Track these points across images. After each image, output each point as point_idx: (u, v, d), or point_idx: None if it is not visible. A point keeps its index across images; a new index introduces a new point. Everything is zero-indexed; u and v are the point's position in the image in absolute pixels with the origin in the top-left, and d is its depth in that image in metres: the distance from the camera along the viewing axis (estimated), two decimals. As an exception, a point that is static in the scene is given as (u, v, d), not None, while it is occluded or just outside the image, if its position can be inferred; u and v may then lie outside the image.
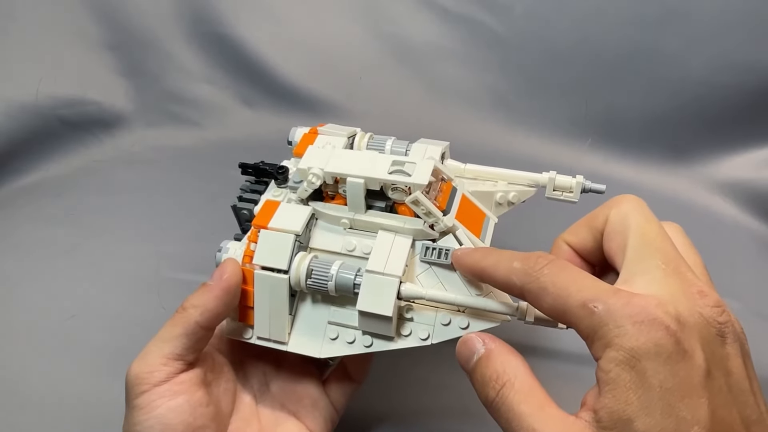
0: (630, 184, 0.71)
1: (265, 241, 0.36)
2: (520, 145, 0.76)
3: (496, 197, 0.41)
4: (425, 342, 0.35)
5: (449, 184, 0.38)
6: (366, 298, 0.34)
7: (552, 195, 0.40)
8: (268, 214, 0.37)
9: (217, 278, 0.35)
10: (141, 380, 0.33)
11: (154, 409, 0.32)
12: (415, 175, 0.35)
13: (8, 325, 0.56)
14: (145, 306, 0.57)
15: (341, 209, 0.37)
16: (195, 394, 0.34)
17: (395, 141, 0.42)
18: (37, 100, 0.73)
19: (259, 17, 0.80)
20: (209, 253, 0.58)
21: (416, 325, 0.35)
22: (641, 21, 0.71)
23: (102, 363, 0.53)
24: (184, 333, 0.33)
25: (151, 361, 0.33)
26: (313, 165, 0.36)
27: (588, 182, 0.40)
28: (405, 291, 0.34)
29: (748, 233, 0.67)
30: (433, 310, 0.35)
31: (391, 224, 0.36)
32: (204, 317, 0.34)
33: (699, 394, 0.24)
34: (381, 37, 0.80)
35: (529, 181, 0.41)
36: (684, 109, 0.72)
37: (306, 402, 0.40)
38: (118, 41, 0.79)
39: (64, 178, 0.72)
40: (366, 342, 0.36)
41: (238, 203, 0.41)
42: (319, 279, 0.35)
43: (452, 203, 0.37)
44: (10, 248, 0.63)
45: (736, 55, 0.68)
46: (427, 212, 0.35)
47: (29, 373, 0.52)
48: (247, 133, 0.80)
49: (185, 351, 0.34)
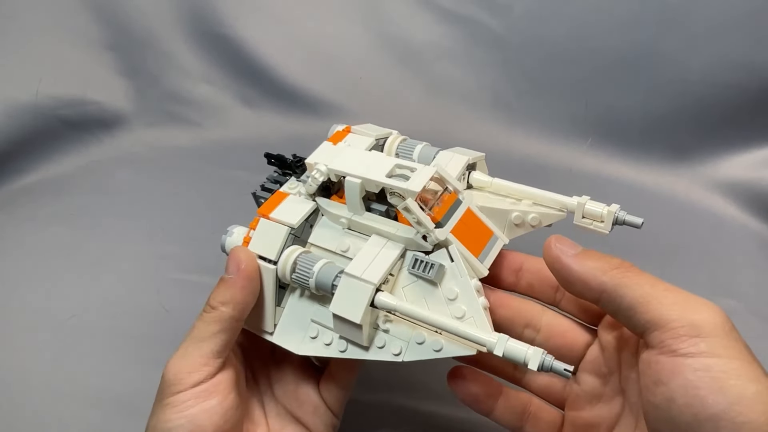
0: (630, 184, 0.71)
1: (262, 230, 0.37)
2: (520, 145, 0.76)
3: (511, 216, 0.38)
4: (397, 358, 0.33)
5: (453, 196, 0.36)
6: (339, 301, 0.33)
7: (580, 223, 0.36)
8: (274, 204, 0.38)
9: (234, 269, 0.35)
10: (179, 380, 0.32)
11: (186, 408, 0.32)
12: (410, 180, 0.34)
13: (8, 325, 0.56)
14: (145, 306, 0.57)
15: (342, 208, 0.37)
16: (228, 396, 0.34)
17: (426, 146, 0.40)
18: (37, 100, 0.73)
19: (259, 17, 0.80)
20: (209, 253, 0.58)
21: (391, 338, 0.34)
22: (641, 21, 0.71)
23: (102, 363, 0.53)
24: (222, 329, 0.34)
25: (191, 361, 0.33)
26: (319, 161, 0.36)
27: (622, 213, 0.35)
28: (378, 300, 0.33)
29: (748, 233, 0.67)
30: (410, 326, 0.33)
31: (385, 230, 0.35)
32: (237, 310, 0.34)
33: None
34: (381, 37, 0.80)
35: (556, 203, 0.37)
36: (684, 109, 0.72)
37: (307, 407, 0.40)
38: (118, 41, 0.79)
39: (64, 178, 0.72)
40: (341, 347, 0.35)
41: (258, 191, 0.42)
42: (302, 274, 0.35)
43: (451, 216, 0.35)
44: (10, 248, 0.63)
45: (736, 55, 0.68)
46: (418, 221, 0.33)
47: (29, 373, 0.52)
48: (247, 133, 0.80)
49: (224, 347, 0.34)
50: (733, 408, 0.25)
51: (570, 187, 0.39)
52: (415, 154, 0.40)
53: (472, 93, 0.79)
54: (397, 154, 0.41)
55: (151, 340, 0.54)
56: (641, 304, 0.29)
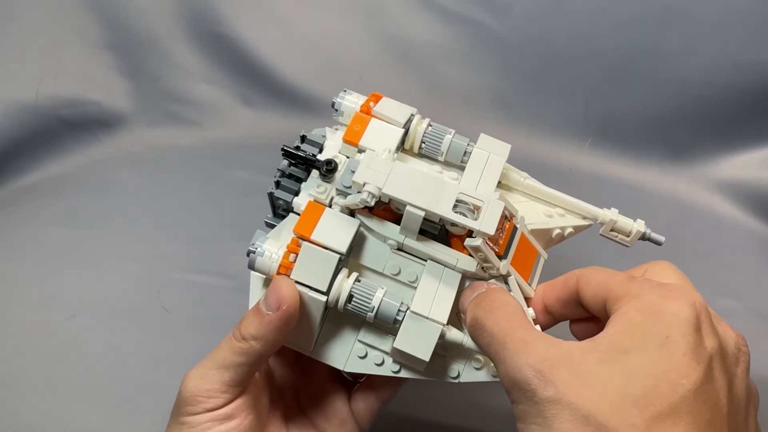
0: (630, 184, 0.71)
1: (306, 256, 0.33)
2: (520, 145, 0.76)
3: (552, 234, 0.38)
4: (454, 380, 0.34)
5: (511, 224, 0.35)
6: (405, 338, 0.33)
7: (607, 234, 0.38)
8: (312, 222, 0.34)
9: (274, 306, 0.32)
10: (197, 402, 0.32)
11: (204, 431, 0.32)
12: (482, 220, 0.32)
13: (8, 325, 0.56)
14: (145, 306, 0.57)
15: (390, 228, 0.35)
16: (246, 418, 0.33)
17: (456, 137, 0.39)
18: (37, 100, 0.73)
19: (259, 17, 0.80)
20: (209, 253, 0.58)
21: (448, 361, 0.34)
22: (641, 21, 0.71)
23: (102, 363, 0.53)
24: (246, 363, 0.33)
25: (210, 386, 0.32)
26: (370, 181, 0.33)
27: (648, 230, 0.37)
28: (447, 336, 0.33)
29: (748, 233, 0.67)
30: (467, 351, 0.34)
31: (444, 259, 0.34)
32: (266, 348, 0.33)
33: (697, 362, 0.26)
34: (381, 37, 0.80)
35: (588, 214, 0.38)
36: (684, 109, 0.72)
37: (334, 422, 0.39)
38: (118, 41, 0.79)
39: (64, 178, 0.72)
40: (394, 368, 0.35)
41: (275, 191, 0.38)
42: (360, 306, 0.33)
43: (511, 247, 0.35)
44: (10, 248, 0.63)
45: (736, 55, 0.68)
46: (485, 258, 0.33)
47: (29, 373, 0.52)
48: (247, 133, 0.79)
49: (245, 378, 0.33)
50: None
51: (570, 187, 0.40)
52: (444, 146, 0.38)
53: (473, 93, 0.79)
54: (422, 143, 0.39)
55: (151, 340, 0.54)
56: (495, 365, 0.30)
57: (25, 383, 0.51)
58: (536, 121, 0.77)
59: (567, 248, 0.43)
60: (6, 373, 0.52)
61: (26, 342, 0.54)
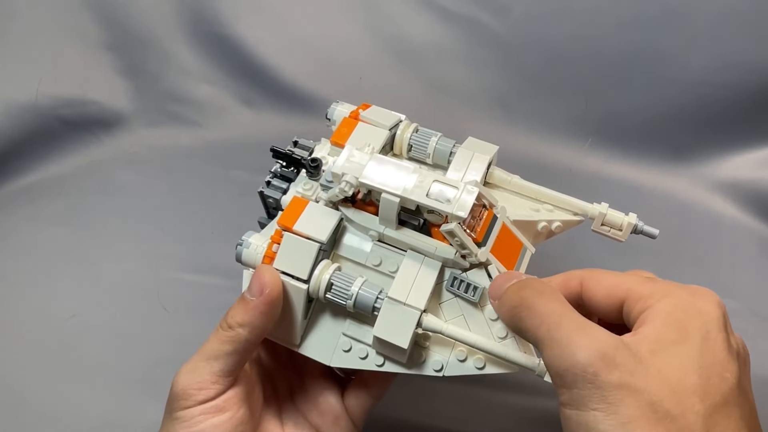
0: (630, 184, 0.71)
1: (287, 245, 0.35)
2: (520, 145, 0.76)
3: (538, 227, 0.38)
4: (438, 373, 0.34)
5: (490, 213, 0.36)
6: (384, 326, 0.33)
7: (599, 229, 0.38)
8: (295, 214, 0.36)
9: (257, 292, 0.33)
10: (188, 395, 0.32)
11: (196, 423, 0.32)
12: (455, 204, 0.32)
13: (8, 325, 0.56)
14: (145, 306, 0.57)
15: (371, 220, 0.35)
16: (238, 411, 0.34)
17: (441, 139, 0.39)
18: (37, 100, 0.73)
19: (259, 17, 0.80)
20: (209, 253, 0.58)
21: (431, 354, 0.34)
22: (641, 21, 0.71)
23: (102, 363, 0.53)
24: (235, 351, 0.33)
25: (201, 378, 0.33)
26: (348, 172, 0.34)
27: (641, 223, 0.37)
28: (426, 324, 0.33)
29: (748, 233, 0.67)
30: (450, 343, 0.34)
31: (422, 248, 0.35)
32: (253, 335, 0.33)
33: (733, 358, 0.27)
34: (381, 37, 0.80)
35: (577, 209, 0.38)
36: (684, 109, 0.72)
37: (328, 417, 0.39)
38: (118, 41, 0.79)
39: (64, 178, 0.72)
40: (378, 361, 0.35)
41: (265, 190, 0.39)
42: (339, 294, 0.34)
43: (490, 235, 0.35)
44: (10, 248, 0.63)
45: (736, 55, 0.68)
46: (462, 244, 0.33)
47: (29, 373, 0.52)
48: (247, 133, 0.79)
49: (235, 367, 0.34)
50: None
51: (570, 187, 0.40)
52: (430, 148, 0.39)
53: (472, 93, 0.79)
54: (410, 146, 0.40)
55: (151, 340, 0.54)
56: (540, 347, 0.29)
57: (25, 383, 0.51)
58: (536, 121, 0.77)
59: (554, 247, 0.43)
60: (6, 372, 0.52)
61: (26, 342, 0.54)
